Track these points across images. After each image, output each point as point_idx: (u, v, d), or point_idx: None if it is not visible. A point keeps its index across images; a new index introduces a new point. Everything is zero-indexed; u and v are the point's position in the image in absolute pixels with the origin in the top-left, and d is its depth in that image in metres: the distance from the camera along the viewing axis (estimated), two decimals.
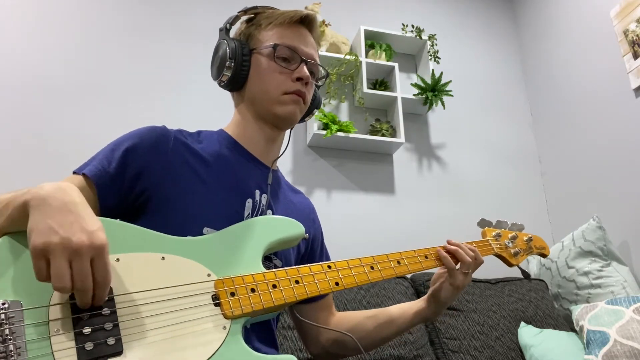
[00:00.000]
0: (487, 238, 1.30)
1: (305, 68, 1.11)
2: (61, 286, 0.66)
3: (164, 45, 2.43)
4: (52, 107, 2.14)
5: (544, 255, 1.41)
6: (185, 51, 2.45)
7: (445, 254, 1.14)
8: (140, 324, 0.73)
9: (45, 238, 0.66)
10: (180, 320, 0.77)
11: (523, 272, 1.32)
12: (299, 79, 1.10)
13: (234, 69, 1.10)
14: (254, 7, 1.18)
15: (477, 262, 1.16)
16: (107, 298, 0.72)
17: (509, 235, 1.32)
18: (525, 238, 1.35)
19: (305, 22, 1.16)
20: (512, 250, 1.30)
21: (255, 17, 1.18)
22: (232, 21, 1.18)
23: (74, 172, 0.96)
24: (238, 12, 1.17)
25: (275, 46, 1.10)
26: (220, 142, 1.13)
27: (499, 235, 1.31)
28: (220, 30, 1.17)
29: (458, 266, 1.15)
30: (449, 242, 1.18)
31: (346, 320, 1.25)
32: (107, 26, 2.36)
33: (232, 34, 1.19)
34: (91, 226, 0.70)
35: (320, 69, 1.20)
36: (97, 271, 0.69)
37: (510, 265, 1.31)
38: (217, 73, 1.14)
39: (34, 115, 2.10)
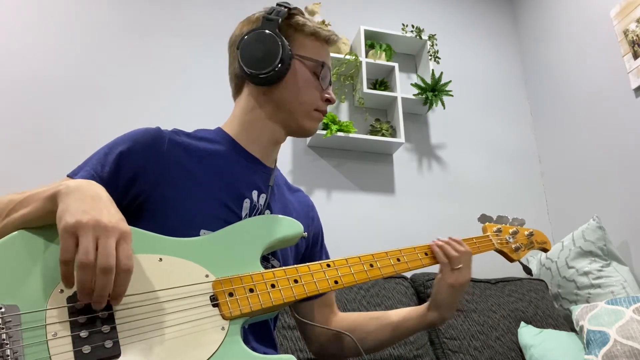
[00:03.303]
0: (488, 233, 1.29)
1: (331, 90, 1.15)
2: (86, 261, 0.67)
3: (163, 44, 2.43)
4: (51, 107, 2.14)
5: (545, 250, 1.39)
6: (185, 50, 2.45)
7: (438, 249, 1.14)
8: (138, 327, 0.73)
9: (77, 217, 0.70)
10: (178, 322, 0.76)
11: (524, 267, 1.31)
12: (327, 100, 1.13)
13: (277, 71, 1.06)
14: (294, 7, 1.13)
15: (464, 253, 1.14)
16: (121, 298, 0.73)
17: (510, 231, 1.31)
18: (526, 233, 1.33)
19: (332, 44, 1.18)
20: (513, 246, 1.29)
21: (293, 16, 1.13)
22: (280, 13, 1.09)
23: (68, 176, 0.95)
24: (280, 5, 1.11)
25: (323, 64, 1.12)
26: (218, 141, 1.11)
27: (499, 230, 1.30)
28: (269, 20, 1.09)
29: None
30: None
31: (348, 320, 1.24)
32: (107, 26, 2.36)
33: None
34: (118, 215, 0.75)
35: None
36: (122, 254, 0.71)
37: (511, 260, 1.29)
38: (256, 66, 1.06)
39: (33, 115, 2.10)
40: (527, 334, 2.00)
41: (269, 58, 1.06)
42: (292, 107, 1.11)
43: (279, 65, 1.06)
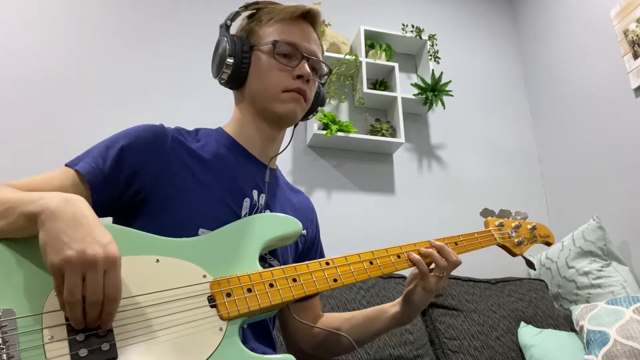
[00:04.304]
0: (490, 228, 1.26)
1: (306, 65, 1.09)
2: (73, 300, 0.66)
3: (164, 43, 2.43)
4: (51, 107, 2.14)
5: (548, 244, 1.36)
6: (185, 49, 2.45)
7: (419, 258, 1.06)
8: (134, 329, 0.73)
9: (61, 254, 0.66)
10: (175, 324, 0.76)
11: (527, 261, 1.27)
12: (299, 77, 1.08)
13: (234, 66, 1.08)
14: (255, 2, 1.15)
15: (454, 264, 1.09)
16: (112, 322, 0.71)
17: (512, 225, 1.28)
18: (529, 227, 1.31)
19: (308, 17, 1.13)
20: (515, 240, 1.26)
21: (256, 12, 1.15)
22: (233, 17, 1.16)
23: (67, 165, 0.94)
24: (239, 8, 1.15)
25: (275, 42, 1.08)
26: (219, 140, 1.12)
27: (502, 224, 1.27)
28: (221, 26, 1.14)
29: (432, 266, 1.09)
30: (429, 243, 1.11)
31: (327, 323, 1.23)
32: (107, 25, 2.36)
33: (233, 30, 1.16)
34: (104, 239, 0.70)
35: (323, 65, 1.16)
36: (109, 284, 0.68)
37: (513, 255, 1.27)
38: (217, 71, 1.12)
39: (33, 115, 2.10)
40: (527, 334, 2.00)
41: (221, 61, 1.09)
42: (261, 96, 1.10)
43: (235, 64, 1.08)
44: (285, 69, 1.08)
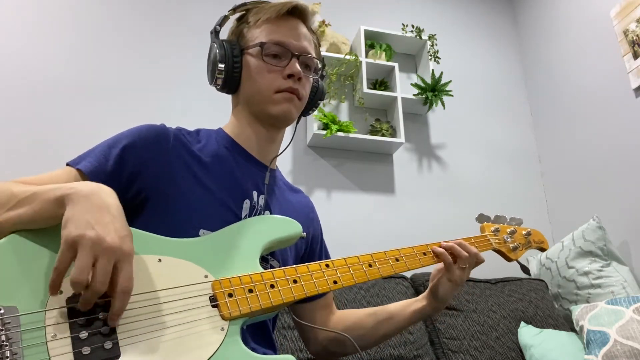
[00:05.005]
0: (486, 233, 1.28)
1: (296, 64, 1.08)
2: (80, 279, 0.66)
3: (164, 43, 2.43)
4: (50, 107, 2.14)
5: (542, 250, 1.39)
6: (184, 49, 2.45)
7: (442, 250, 1.12)
8: (137, 327, 0.73)
9: (81, 230, 0.68)
10: (177, 323, 0.76)
11: (522, 266, 1.30)
12: (290, 76, 1.07)
13: (225, 72, 1.09)
14: (243, 3, 1.15)
15: (477, 260, 1.14)
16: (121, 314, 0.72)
17: (508, 230, 1.31)
18: (524, 232, 1.33)
19: (296, 12, 1.12)
20: (510, 245, 1.29)
21: (245, 14, 1.15)
22: (222, 22, 1.16)
23: (68, 164, 0.94)
24: (228, 12, 1.15)
25: (262, 44, 1.07)
26: (219, 141, 1.12)
27: (497, 230, 1.29)
28: (211, 32, 1.14)
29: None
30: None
31: (346, 318, 1.24)
32: (107, 25, 2.36)
33: (226, 33, 1.17)
34: (124, 231, 0.73)
35: (316, 60, 1.15)
36: (121, 275, 0.70)
37: (509, 260, 1.29)
38: (211, 78, 1.13)
39: (33, 115, 2.10)
40: (527, 334, 2.00)
41: (214, 67, 1.10)
42: (255, 99, 1.10)
43: (226, 69, 1.08)
44: (275, 69, 1.07)
